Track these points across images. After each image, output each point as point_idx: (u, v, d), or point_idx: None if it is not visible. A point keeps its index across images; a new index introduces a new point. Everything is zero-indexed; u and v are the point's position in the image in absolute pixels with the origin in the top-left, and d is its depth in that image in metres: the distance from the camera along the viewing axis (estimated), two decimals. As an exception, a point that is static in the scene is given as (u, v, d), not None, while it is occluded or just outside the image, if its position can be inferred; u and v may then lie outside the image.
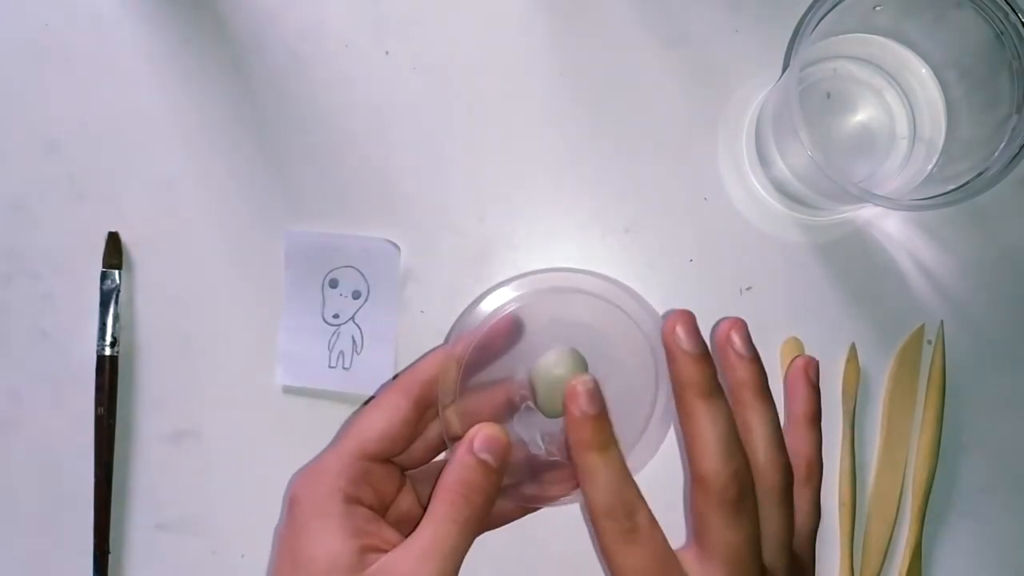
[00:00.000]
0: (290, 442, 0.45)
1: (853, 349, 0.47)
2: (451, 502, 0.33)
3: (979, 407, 0.47)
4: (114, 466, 0.47)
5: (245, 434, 0.48)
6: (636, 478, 0.34)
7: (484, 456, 0.33)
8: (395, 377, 0.38)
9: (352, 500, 0.34)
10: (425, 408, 0.36)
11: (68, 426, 0.47)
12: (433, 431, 0.38)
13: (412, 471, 0.39)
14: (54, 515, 0.48)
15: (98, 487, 0.47)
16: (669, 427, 0.38)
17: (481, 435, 0.34)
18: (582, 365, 0.37)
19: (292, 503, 0.35)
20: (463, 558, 0.33)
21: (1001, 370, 0.48)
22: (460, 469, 0.33)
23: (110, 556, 0.47)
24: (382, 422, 0.35)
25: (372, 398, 0.37)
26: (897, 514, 0.47)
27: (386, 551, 0.33)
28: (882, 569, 0.47)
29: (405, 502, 0.38)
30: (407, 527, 0.35)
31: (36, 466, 0.48)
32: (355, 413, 0.36)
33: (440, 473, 0.35)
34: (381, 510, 0.36)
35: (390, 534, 0.35)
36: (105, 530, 0.47)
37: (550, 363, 0.37)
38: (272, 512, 0.44)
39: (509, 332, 0.37)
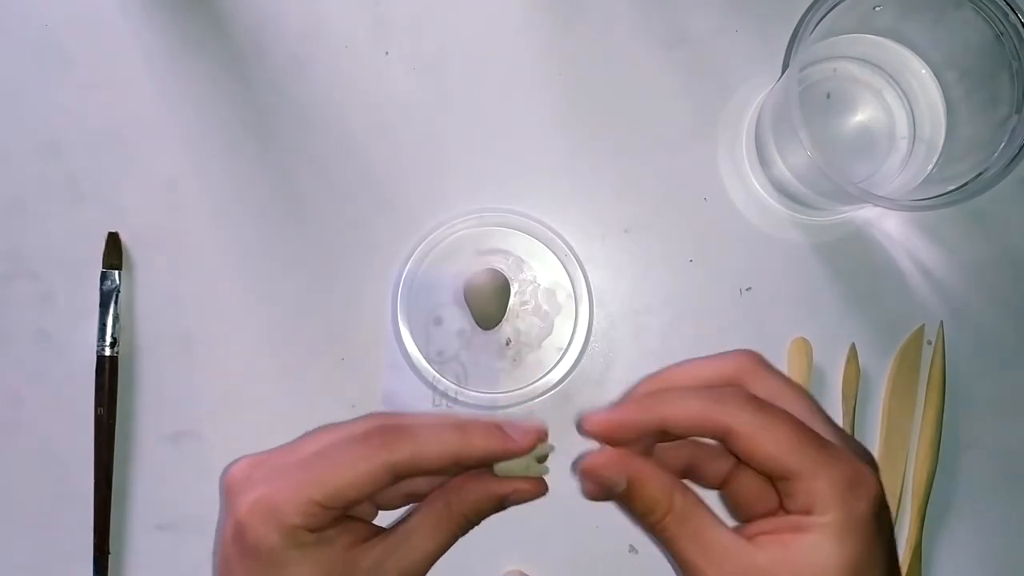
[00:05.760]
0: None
1: (853, 349, 0.47)
2: (453, 520, 0.34)
3: (979, 407, 0.47)
4: (114, 466, 0.47)
5: (245, 434, 0.47)
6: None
7: (508, 505, 0.34)
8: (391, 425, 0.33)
9: (314, 529, 0.33)
10: (400, 479, 0.34)
11: (68, 426, 0.47)
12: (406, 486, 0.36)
13: None
14: (54, 516, 0.48)
15: (98, 487, 0.47)
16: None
17: (517, 496, 0.34)
18: (503, 279, 0.46)
19: (247, 531, 0.32)
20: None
21: (1001, 370, 0.48)
22: (478, 502, 0.34)
23: (110, 556, 0.47)
24: (354, 491, 0.32)
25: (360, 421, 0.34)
26: (897, 514, 0.47)
27: (364, 539, 0.34)
28: (882, 569, 0.46)
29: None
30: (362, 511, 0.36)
31: (36, 466, 0.48)
32: (334, 427, 0.35)
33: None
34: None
35: (360, 527, 0.34)
36: (105, 530, 0.47)
37: (479, 281, 0.46)
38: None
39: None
